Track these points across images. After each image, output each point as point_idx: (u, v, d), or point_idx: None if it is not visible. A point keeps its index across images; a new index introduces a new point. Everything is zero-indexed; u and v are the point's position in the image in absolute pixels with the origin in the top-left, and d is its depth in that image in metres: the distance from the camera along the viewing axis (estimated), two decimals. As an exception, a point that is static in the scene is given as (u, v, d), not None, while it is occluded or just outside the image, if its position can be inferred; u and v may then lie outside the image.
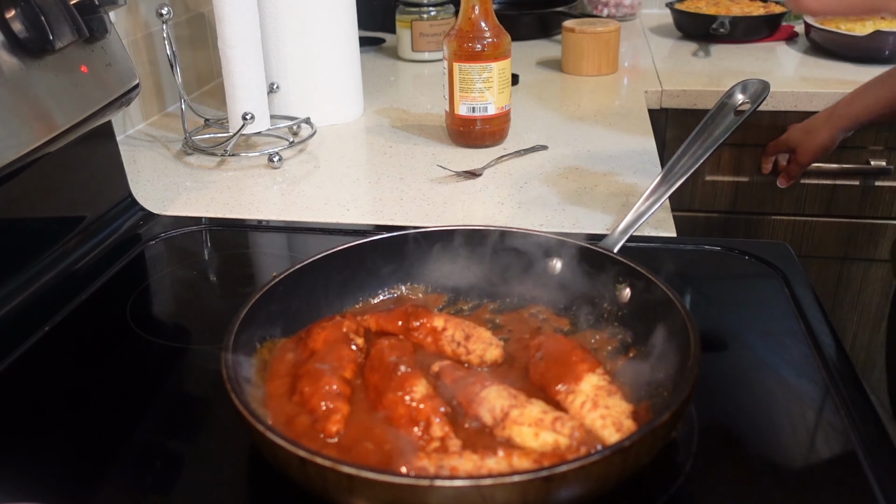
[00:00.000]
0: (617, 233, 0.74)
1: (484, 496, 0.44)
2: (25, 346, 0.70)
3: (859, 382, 0.62)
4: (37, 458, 0.57)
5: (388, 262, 0.70)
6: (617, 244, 0.72)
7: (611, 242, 0.72)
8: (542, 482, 0.44)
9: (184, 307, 0.79)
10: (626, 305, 0.64)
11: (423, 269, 0.71)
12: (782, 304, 0.73)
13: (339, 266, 0.68)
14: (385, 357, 0.58)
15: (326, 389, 0.55)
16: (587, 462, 0.45)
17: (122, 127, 1.22)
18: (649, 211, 0.76)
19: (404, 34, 1.61)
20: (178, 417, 0.61)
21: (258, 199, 1.00)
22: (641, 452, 0.48)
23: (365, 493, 0.45)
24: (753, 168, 1.44)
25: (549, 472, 0.44)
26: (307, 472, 0.46)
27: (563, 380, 0.56)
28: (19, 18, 0.71)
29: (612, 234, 0.74)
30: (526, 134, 1.18)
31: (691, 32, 1.75)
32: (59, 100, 0.76)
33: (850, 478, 0.53)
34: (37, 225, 0.81)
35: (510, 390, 0.55)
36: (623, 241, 0.73)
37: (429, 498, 0.44)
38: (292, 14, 1.17)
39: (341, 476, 0.45)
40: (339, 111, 1.26)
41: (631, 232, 0.74)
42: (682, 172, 0.77)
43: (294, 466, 0.47)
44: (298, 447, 0.46)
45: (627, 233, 0.73)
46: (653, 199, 0.77)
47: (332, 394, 0.55)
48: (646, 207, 0.76)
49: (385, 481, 0.44)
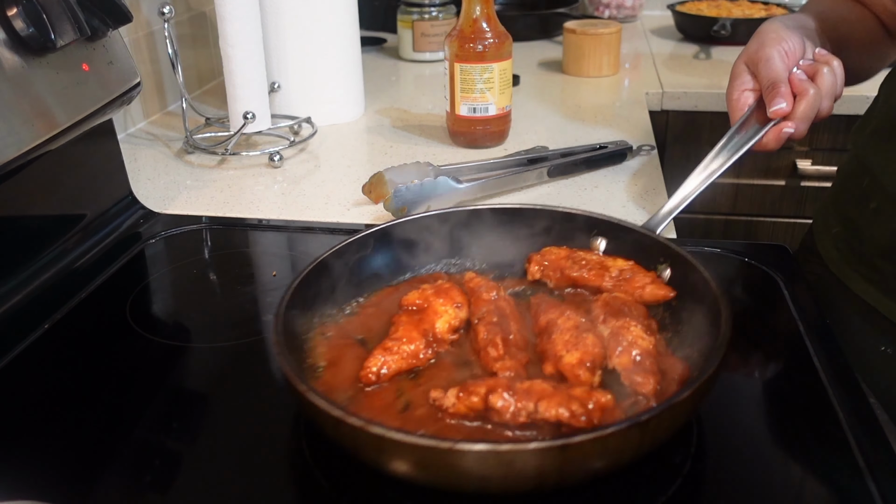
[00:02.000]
0: (661, 214, 0.75)
1: (502, 461, 0.46)
2: (25, 344, 0.70)
3: (858, 385, 0.62)
4: (36, 457, 0.57)
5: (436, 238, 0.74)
6: (660, 225, 0.74)
7: (654, 223, 0.74)
8: (558, 451, 0.46)
9: (184, 306, 0.79)
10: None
11: (472, 246, 0.75)
12: (782, 305, 0.73)
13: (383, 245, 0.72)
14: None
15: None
16: (604, 434, 0.46)
17: (123, 125, 1.22)
18: (696, 192, 0.76)
19: (406, 34, 1.61)
20: (177, 416, 0.61)
21: (259, 198, 1.00)
22: (660, 428, 0.49)
23: (392, 453, 0.48)
24: (754, 170, 1.44)
25: (565, 442, 0.46)
26: (341, 433, 0.50)
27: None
28: (21, 16, 0.71)
29: (657, 215, 0.75)
30: (527, 135, 1.18)
31: (692, 34, 1.75)
32: (61, 98, 0.76)
33: (848, 479, 0.53)
34: (37, 223, 0.81)
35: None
36: (667, 223, 0.75)
37: (450, 459, 0.46)
38: (294, 13, 1.17)
39: (371, 436, 0.47)
40: (340, 111, 1.26)
41: (676, 213, 0.75)
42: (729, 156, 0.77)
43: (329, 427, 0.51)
44: (333, 406, 0.49)
45: (672, 214, 0.75)
46: (700, 178, 0.77)
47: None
48: (692, 189, 0.76)
49: (409, 442, 0.47)
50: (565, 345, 0.59)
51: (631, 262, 0.70)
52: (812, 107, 0.76)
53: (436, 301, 0.65)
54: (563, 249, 0.72)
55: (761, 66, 0.78)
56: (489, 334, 0.62)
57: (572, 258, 0.71)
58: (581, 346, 0.59)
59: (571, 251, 0.72)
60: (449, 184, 0.92)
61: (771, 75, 0.77)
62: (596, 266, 0.69)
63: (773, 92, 0.76)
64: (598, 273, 0.69)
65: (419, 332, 0.63)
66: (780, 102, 0.76)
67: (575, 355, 0.58)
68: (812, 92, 0.76)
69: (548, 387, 0.54)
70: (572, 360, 0.58)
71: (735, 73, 0.82)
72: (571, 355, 0.58)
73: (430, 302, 0.65)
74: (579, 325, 0.62)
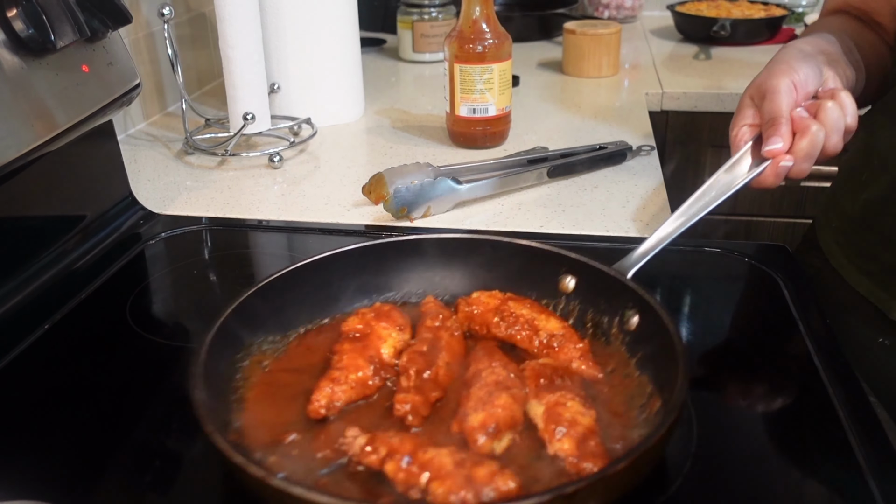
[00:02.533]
0: (635, 256, 0.68)
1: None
2: (25, 345, 0.70)
3: (858, 385, 0.62)
4: (36, 457, 0.57)
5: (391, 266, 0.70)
6: (633, 268, 0.67)
7: (627, 266, 0.67)
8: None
9: (183, 306, 0.79)
10: (632, 332, 0.62)
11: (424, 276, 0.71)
12: (781, 305, 0.73)
13: (339, 269, 0.68)
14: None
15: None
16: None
17: (123, 126, 1.22)
18: (673, 235, 0.70)
19: (405, 35, 1.61)
20: (177, 416, 0.61)
21: (258, 199, 1.00)
22: (589, 500, 0.45)
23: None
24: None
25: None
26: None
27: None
28: (21, 17, 0.71)
29: (630, 256, 0.68)
30: (526, 135, 1.18)
31: (692, 35, 1.75)
32: (60, 99, 0.76)
33: (848, 480, 0.53)
34: (37, 223, 0.81)
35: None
36: (639, 265, 0.67)
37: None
38: (293, 14, 1.17)
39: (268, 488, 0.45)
40: (340, 112, 1.26)
41: (650, 256, 0.68)
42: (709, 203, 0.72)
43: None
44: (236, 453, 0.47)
45: (646, 257, 0.68)
46: (679, 221, 0.71)
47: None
48: (669, 231, 0.70)
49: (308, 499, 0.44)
50: (476, 403, 0.55)
51: (564, 325, 0.64)
52: (813, 144, 0.70)
53: (377, 325, 0.63)
54: (495, 298, 0.66)
55: (766, 98, 0.73)
56: (408, 363, 0.59)
57: (501, 313, 0.65)
58: (488, 408, 0.54)
59: (504, 300, 0.66)
60: (449, 184, 0.92)
61: (773, 110, 0.72)
62: (525, 326, 0.64)
63: (772, 129, 0.71)
64: (527, 336, 0.64)
65: (364, 359, 0.59)
66: (775, 142, 0.71)
67: (478, 417, 0.53)
68: (813, 129, 0.70)
69: (449, 463, 0.48)
70: (474, 423, 0.53)
71: (739, 106, 0.77)
72: (475, 416, 0.53)
73: (372, 327, 0.62)
74: (500, 383, 0.56)
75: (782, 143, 0.71)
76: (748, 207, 1.47)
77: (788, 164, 0.71)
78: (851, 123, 0.73)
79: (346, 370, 0.58)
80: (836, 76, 0.76)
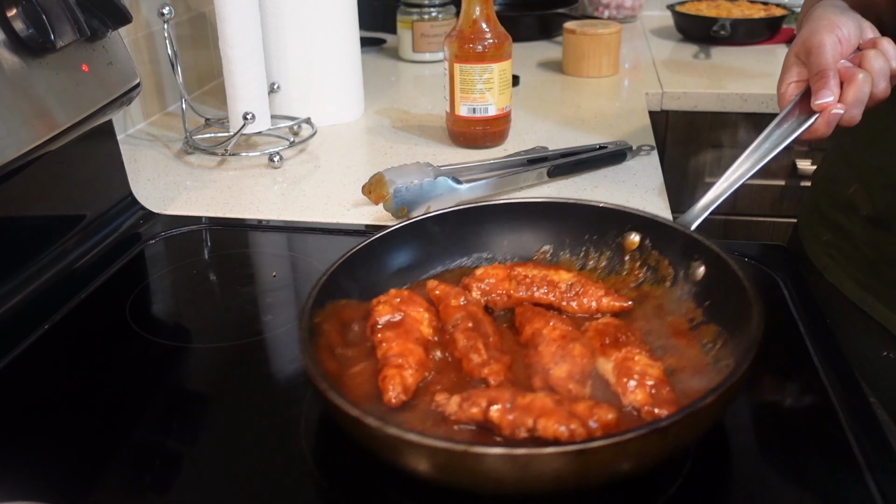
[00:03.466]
0: (697, 208, 0.71)
1: (518, 464, 0.46)
2: (25, 345, 0.70)
3: (859, 385, 0.62)
4: (36, 457, 0.57)
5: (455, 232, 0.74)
6: (696, 220, 0.70)
7: (689, 219, 0.71)
8: (575, 456, 0.45)
9: (183, 306, 0.79)
10: (699, 283, 0.65)
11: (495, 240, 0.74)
12: (782, 305, 0.73)
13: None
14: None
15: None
16: (622, 439, 0.45)
17: (123, 126, 1.22)
18: (736, 185, 0.73)
19: (405, 35, 1.61)
20: (177, 416, 0.61)
21: (258, 198, 1.00)
22: (681, 433, 0.48)
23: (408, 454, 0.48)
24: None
25: (582, 447, 0.45)
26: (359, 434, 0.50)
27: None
28: (21, 17, 0.71)
29: (692, 209, 0.71)
30: (526, 135, 1.18)
31: (692, 34, 1.75)
32: (60, 98, 0.76)
33: (849, 480, 0.53)
34: (37, 223, 0.81)
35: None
36: (702, 218, 0.71)
37: (466, 462, 0.46)
38: (293, 14, 1.17)
39: (388, 437, 0.47)
40: (340, 111, 1.26)
41: (713, 208, 0.72)
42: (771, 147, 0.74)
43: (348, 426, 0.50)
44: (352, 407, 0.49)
45: (708, 209, 0.71)
46: (740, 171, 0.73)
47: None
48: (728, 184, 0.73)
49: (426, 444, 0.46)
50: (552, 357, 0.58)
51: (574, 273, 0.68)
52: (862, 91, 0.71)
53: (410, 309, 0.64)
54: (500, 268, 0.69)
55: (812, 54, 0.74)
56: (469, 340, 0.61)
57: (514, 278, 0.68)
58: (568, 359, 0.57)
59: (510, 268, 0.69)
60: (449, 184, 0.92)
61: (820, 63, 0.73)
62: (542, 282, 0.67)
63: (820, 83, 0.72)
64: (548, 291, 0.67)
65: (413, 341, 0.61)
66: (826, 95, 0.71)
67: (563, 368, 0.57)
68: (860, 77, 0.71)
69: (549, 402, 0.52)
70: (561, 374, 0.56)
71: (785, 65, 0.78)
72: (560, 368, 0.57)
73: (405, 311, 0.64)
74: (566, 335, 0.60)
75: (833, 96, 0.71)
76: (748, 207, 1.47)
77: (840, 112, 0.72)
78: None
79: (405, 355, 0.59)
80: (873, 26, 0.77)
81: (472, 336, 0.61)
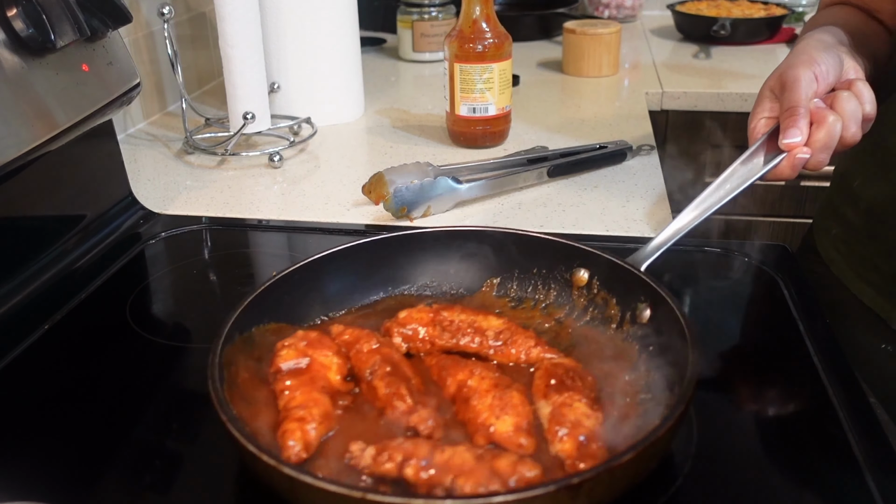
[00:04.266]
0: (649, 248, 0.69)
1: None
2: (25, 345, 0.70)
3: (858, 385, 0.62)
4: (36, 457, 0.57)
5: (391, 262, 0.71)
6: (646, 260, 0.67)
7: (640, 258, 0.68)
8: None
9: (183, 306, 0.79)
10: (645, 325, 0.62)
11: (441, 269, 0.72)
12: (782, 305, 0.73)
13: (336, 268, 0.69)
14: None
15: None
16: (526, 496, 0.44)
17: (123, 126, 1.22)
18: (690, 226, 0.71)
19: (405, 34, 1.61)
20: (177, 416, 0.61)
21: (258, 198, 1.00)
22: (595, 490, 0.45)
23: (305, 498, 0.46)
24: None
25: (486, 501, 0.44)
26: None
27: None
28: (21, 17, 0.71)
29: (644, 248, 0.69)
30: (526, 135, 1.18)
31: (692, 34, 1.75)
32: (60, 98, 0.76)
33: (849, 480, 0.53)
34: (37, 223, 0.81)
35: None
36: (653, 258, 0.68)
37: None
38: (293, 14, 1.17)
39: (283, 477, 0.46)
40: (340, 111, 1.26)
41: (664, 248, 0.69)
42: (725, 195, 0.72)
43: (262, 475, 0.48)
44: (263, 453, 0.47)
45: (660, 249, 0.69)
46: (697, 211, 0.71)
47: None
48: (685, 223, 0.71)
49: (321, 488, 0.44)
50: (491, 411, 0.54)
51: (504, 320, 0.64)
52: (830, 135, 0.69)
53: (317, 354, 0.60)
54: (425, 312, 0.65)
55: (786, 89, 0.72)
56: (390, 387, 0.56)
57: (439, 323, 0.64)
58: (510, 410, 0.54)
59: (436, 312, 0.65)
60: (449, 184, 0.92)
61: (791, 100, 0.70)
62: (469, 330, 0.63)
63: (790, 120, 0.70)
64: (475, 339, 0.63)
65: (318, 390, 0.56)
66: (794, 134, 0.69)
67: (508, 422, 0.53)
68: (830, 119, 0.69)
69: (469, 458, 0.49)
70: (507, 429, 0.53)
71: (759, 98, 0.76)
72: (504, 423, 0.53)
73: (311, 356, 0.59)
74: (498, 384, 0.56)
75: (800, 136, 0.69)
76: (748, 207, 1.47)
77: (805, 157, 0.70)
78: (870, 112, 0.71)
79: (308, 406, 0.55)
80: (856, 67, 0.75)
81: (393, 382, 0.57)
